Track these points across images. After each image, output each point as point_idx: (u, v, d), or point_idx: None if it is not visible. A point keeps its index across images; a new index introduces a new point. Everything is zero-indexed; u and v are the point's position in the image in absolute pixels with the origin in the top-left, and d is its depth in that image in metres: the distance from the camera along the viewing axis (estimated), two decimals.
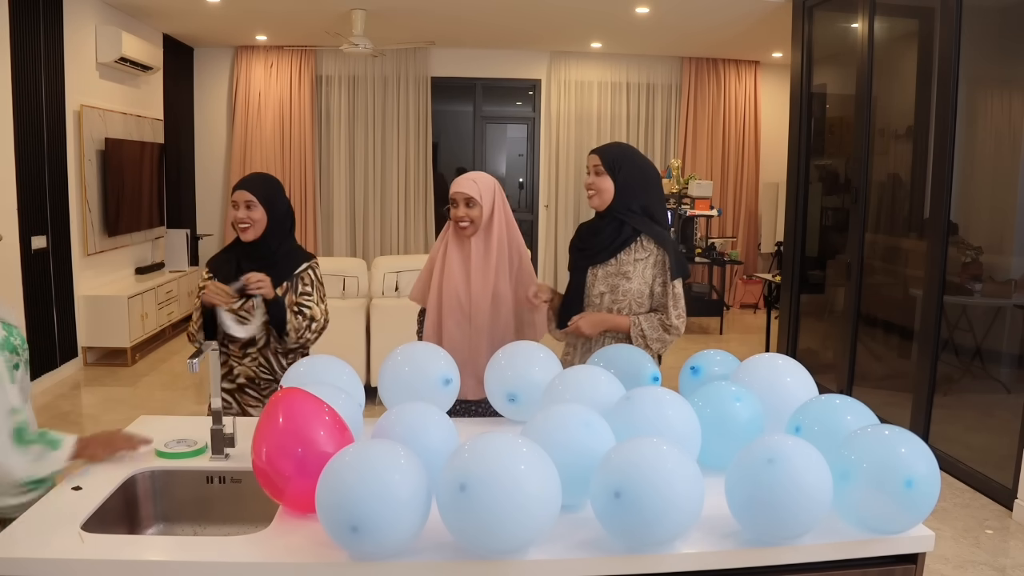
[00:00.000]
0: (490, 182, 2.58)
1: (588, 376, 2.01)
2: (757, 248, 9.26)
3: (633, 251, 2.51)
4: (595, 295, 2.55)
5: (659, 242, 2.51)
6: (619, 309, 2.52)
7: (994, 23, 4.40)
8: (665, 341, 2.50)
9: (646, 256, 2.51)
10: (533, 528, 1.46)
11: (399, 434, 1.70)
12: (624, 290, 2.50)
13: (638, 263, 2.51)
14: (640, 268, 2.51)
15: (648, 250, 2.51)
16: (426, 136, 8.76)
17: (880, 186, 5.23)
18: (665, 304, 2.50)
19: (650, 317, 2.50)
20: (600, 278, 2.54)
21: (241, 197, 2.56)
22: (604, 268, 2.53)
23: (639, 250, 2.51)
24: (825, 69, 5.84)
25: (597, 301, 2.55)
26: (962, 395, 4.62)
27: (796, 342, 5.97)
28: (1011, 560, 3.36)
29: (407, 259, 5.60)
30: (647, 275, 2.51)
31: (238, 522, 1.92)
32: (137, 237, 7.03)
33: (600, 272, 2.54)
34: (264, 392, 2.65)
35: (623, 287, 2.50)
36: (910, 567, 1.67)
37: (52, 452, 1.86)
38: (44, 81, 5.51)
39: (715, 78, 8.95)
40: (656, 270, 2.51)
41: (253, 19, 7.28)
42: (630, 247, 2.52)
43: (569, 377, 2.02)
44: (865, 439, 1.63)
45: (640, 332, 2.48)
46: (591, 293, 2.56)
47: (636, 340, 2.48)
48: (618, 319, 2.51)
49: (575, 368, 2.06)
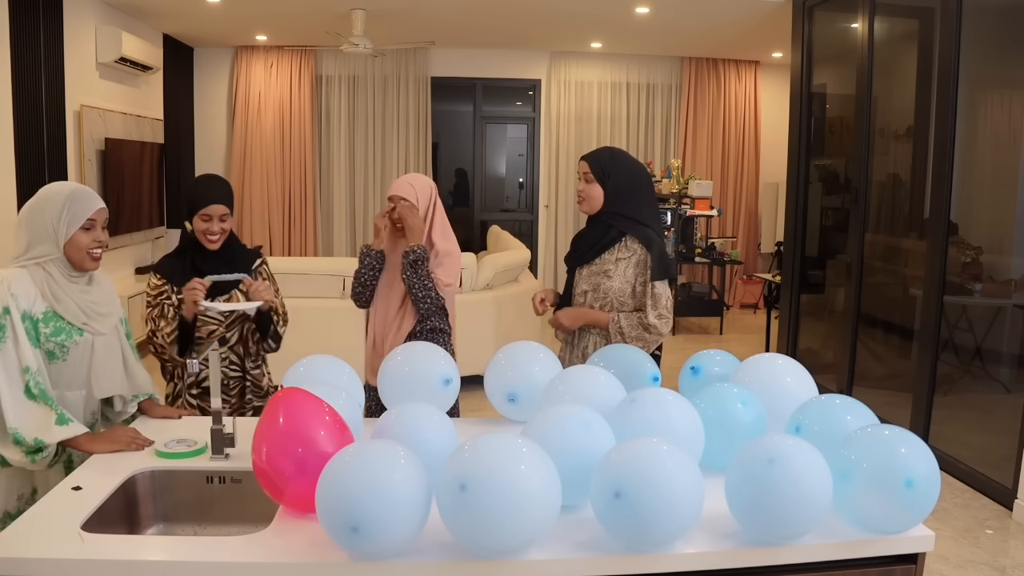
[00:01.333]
0: (427, 185, 2.73)
1: (588, 376, 2.01)
2: (757, 248, 9.26)
3: (616, 251, 2.58)
4: (579, 293, 2.64)
5: (644, 243, 2.56)
6: (601, 307, 2.58)
7: (994, 23, 4.40)
8: (645, 339, 2.53)
9: (629, 256, 2.57)
10: (533, 528, 1.47)
11: (399, 434, 1.70)
12: (605, 288, 2.57)
13: (620, 262, 2.57)
14: (622, 267, 2.57)
15: (632, 250, 2.57)
16: (426, 136, 8.76)
17: (880, 186, 5.23)
18: (645, 304, 2.54)
19: (630, 315, 2.55)
20: (584, 277, 2.64)
21: (216, 211, 2.47)
22: (589, 267, 2.63)
23: (623, 250, 2.58)
24: (825, 69, 5.84)
25: (581, 299, 2.64)
26: (962, 395, 4.62)
27: (796, 342, 5.97)
28: (1011, 560, 3.36)
29: None
30: (628, 274, 2.56)
31: (238, 522, 1.92)
32: (137, 237, 7.02)
33: (584, 271, 2.64)
34: (231, 392, 2.59)
35: (604, 285, 2.57)
36: (910, 567, 1.67)
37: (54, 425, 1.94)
38: (44, 81, 5.51)
39: (715, 78, 8.95)
40: (638, 269, 2.56)
41: (253, 19, 7.28)
42: (614, 247, 2.59)
43: (568, 377, 2.02)
44: (865, 439, 1.63)
45: (618, 328, 2.54)
46: (575, 292, 2.66)
47: (615, 336, 2.54)
48: (597, 314, 2.57)
49: (574, 368, 2.07)
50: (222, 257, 2.53)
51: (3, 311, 1.95)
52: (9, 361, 1.94)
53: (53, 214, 2.03)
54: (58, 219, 2.02)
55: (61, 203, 2.03)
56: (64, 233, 2.03)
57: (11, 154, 5.11)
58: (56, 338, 2.03)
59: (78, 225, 2.04)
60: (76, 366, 2.09)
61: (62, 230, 2.03)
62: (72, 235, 2.03)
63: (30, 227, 2.04)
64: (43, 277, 2.03)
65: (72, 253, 2.05)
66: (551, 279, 9.10)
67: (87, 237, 2.06)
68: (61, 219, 2.02)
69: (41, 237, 2.03)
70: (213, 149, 8.72)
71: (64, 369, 2.07)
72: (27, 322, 1.99)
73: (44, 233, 2.03)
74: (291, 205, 8.68)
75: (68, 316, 2.04)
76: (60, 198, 2.04)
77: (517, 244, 6.62)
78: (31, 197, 2.08)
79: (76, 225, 2.04)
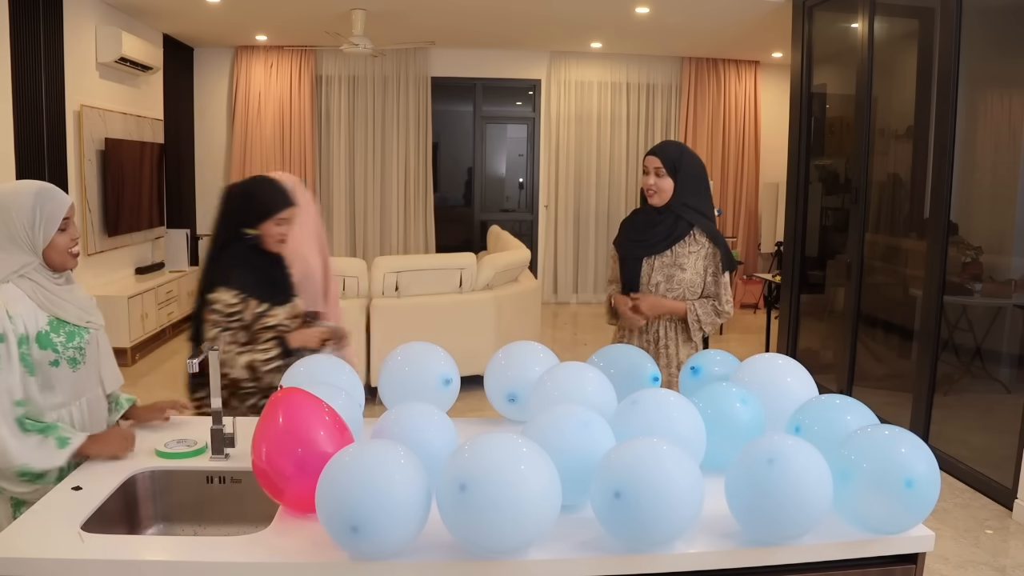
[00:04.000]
0: (298, 184, 2.70)
1: (576, 374, 2.01)
2: (757, 248, 9.26)
3: (687, 244, 2.73)
4: (651, 284, 2.76)
5: (711, 236, 2.75)
6: (674, 297, 2.74)
7: (994, 23, 4.40)
8: (716, 324, 2.77)
9: (698, 249, 2.74)
10: (533, 528, 1.46)
11: (399, 434, 1.70)
12: (679, 280, 2.72)
13: (691, 255, 2.73)
14: (693, 260, 2.73)
15: (700, 243, 2.74)
16: (426, 136, 8.76)
17: (880, 186, 5.23)
18: (718, 293, 2.75)
19: (703, 303, 2.75)
20: (657, 268, 2.75)
21: (292, 214, 2.45)
22: (660, 259, 2.74)
23: (692, 243, 2.74)
24: (825, 69, 5.84)
25: (653, 289, 2.76)
26: (962, 395, 4.62)
27: (796, 342, 5.97)
28: (1011, 560, 3.36)
29: (407, 259, 5.61)
30: (699, 266, 2.74)
31: (238, 522, 1.92)
32: (137, 237, 7.02)
33: (656, 262, 2.75)
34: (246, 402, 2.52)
35: (678, 277, 2.72)
36: (910, 567, 1.67)
37: (56, 449, 1.87)
38: (44, 81, 5.51)
39: (715, 78, 8.95)
40: (707, 262, 2.74)
41: (253, 19, 7.28)
42: (684, 240, 2.73)
43: (558, 374, 2.02)
44: (865, 439, 1.63)
45: (696, 317, 2.73)
46: (648, 282, 2.76)
47: (693, 324, 2.73)
48: (675, 304, 2.74)
49: (564, 365, 2.07)
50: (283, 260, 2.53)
51: None
52: (3, 397, 1.83)
53: (24, 220, 1.87)
54: (31, 224, 1.87)
55: (31, 207, 1.87)
56: (43, 238, 1.89)
57: (11, 154, 5.11)
58: (72, 343, 1.97)
59: (55, 227, 1.90)
60: (92, 366, 2.05)
61: (39, 236, 1.89)
62: (52, 238, 1.90)
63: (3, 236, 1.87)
64: (32, 287, 1.90)
65: (52, 256, 1.92)
66: (551, 279, 9.11)
67: (65, 237, 1.93)
68: (35, 224, 1.88)
69: (17, 246, 1.88)
70: (213, 149, 8.72)
71: (84, 373, 2.02)
72: (25, 346, 1.88)
73: (19, 242, 1.88)
74: None
75: (72, 319, 1.97)
76: (28, 200, 1.88)
77: (517, 244, 6.62)
78: None
79: (53, 228, 1.90)
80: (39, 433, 1.88)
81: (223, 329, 2.37)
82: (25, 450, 1.84)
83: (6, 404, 1.83)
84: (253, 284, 2.41)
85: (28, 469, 1.85)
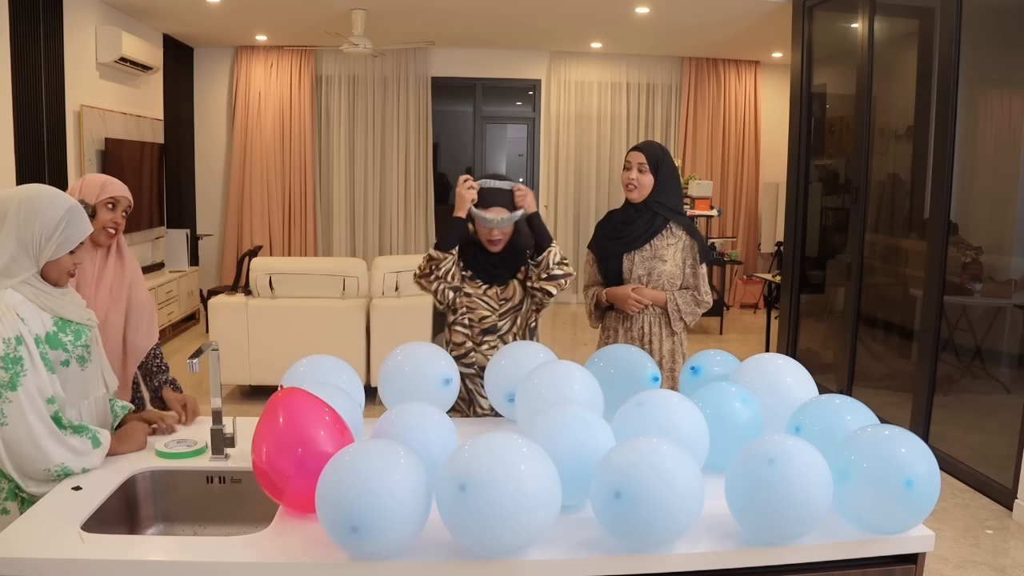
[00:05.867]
0: None
1: (563, 372, 2.01)
2: (757, 248, 9.26)
3: (665, 237, 2.82)
4: (634, 278, 2.83)
5: (687, 230, 2.84)
6: (654, 288, 2.82)
7: (994, 23, 4.40)
8: (696, 314, 2.84)
9: (676, 241, 2.82)
10: (533, 528, 1.46)
11: (399, 434, 1.70)
12: (659, 272, 2.80)
13: (670, 247, 2.81)
14: (672, 252, 2.81)
15: (678, 236, 2.83)
16: (426, 136, 8.76)
17: (880, 186, 5.23)
18: (696, 284, 2.83)
19: (683, 293, 2.83)
20: (637, 263, 2.82)
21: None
22: (640, 253, 2.82)
23: (670, 236, 2.82)
24: (825, 69, 5.84)
25: (635, 283, 2.83)
26: (962, 395, 4.62)
27: (796, 342, 5.97)
28: (1011, 560, 3.36)
29: (407, 259, 5.60)
30: (677, 258, 2.82)
31: (238, 522, 1.92)
32: (137, 237, 7.02)
33: (636, 257, 2.82)
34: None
35: (659, 269, 2.80)
36: (910, 567, 1.67)
37: (93, 449, 1.89)
38: (44, 81, 5.51)
39: (715, 78, 8.95)
40: (685, 254, 2.83)
41: (253, 19, 7.28)
42: (662, 233, 2.82)
43: (544, 372, 2.02)
44: (865, 439, 1.63)
45: (676, 306, 2.81)
46: (630, 277, 2.83)
47: (673, 313, 2.81)
48: (657, 293, 2.82)
49: (550, 363, 2.07)
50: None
51: (16, 341, 1.78)
52: (34, 397, 1.79)
53: (45, 230, 1.82)
54: (48, 237, 1.83)
55: (57, 220, 1.83)
56: (51, 254, 1.84)
57: (11, 154, 5.11)
58: (80, 341, 1.95)
59: (68, 249, 1.87)
60: (97, 364, 2.04)
61: (49, 250, 1.84)
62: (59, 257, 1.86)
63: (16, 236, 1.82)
64: (31, 291, 1.86)
65: (51, 271, 1.87)
66: None
67: (70, 259, 1.89)
68: (52, 238, 1.83)
69: (22, 250, 1.83)
70: (213, 149, 8.72)
71: (91, 372, 2.00)
72: (41, 346, 1.84)
73: (27, 247, 1.83)
74: (291, 205, 8.68)
75: (75, 317, 1.95)
76: (58, 214, 1.84)
77: None
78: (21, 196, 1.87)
79: (66, 249, 1.86)
80: (75, 432, 1.88)
81: None
82: (64, 450, 1.83)
83: (40, 404, 1.81)
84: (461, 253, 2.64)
85: (67, 470, 1.84)
